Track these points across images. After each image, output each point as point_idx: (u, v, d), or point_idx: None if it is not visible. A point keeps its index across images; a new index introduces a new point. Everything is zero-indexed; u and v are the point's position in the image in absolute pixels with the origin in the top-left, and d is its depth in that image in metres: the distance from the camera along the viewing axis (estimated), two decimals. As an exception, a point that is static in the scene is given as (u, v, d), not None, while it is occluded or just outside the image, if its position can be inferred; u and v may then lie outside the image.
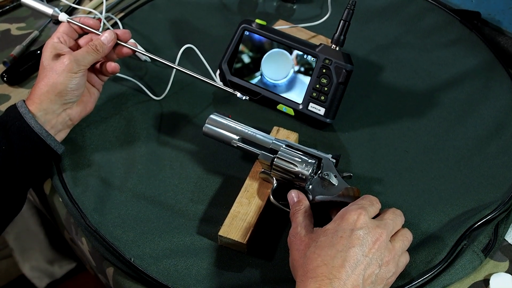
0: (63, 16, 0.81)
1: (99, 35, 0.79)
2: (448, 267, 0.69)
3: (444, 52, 0.99)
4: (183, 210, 0.76)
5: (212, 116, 0.77)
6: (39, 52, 0.96)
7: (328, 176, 0.70)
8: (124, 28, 1.00)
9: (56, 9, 0.82)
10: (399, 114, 0.89)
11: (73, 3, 1.08)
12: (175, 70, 0.89)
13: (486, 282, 0.70)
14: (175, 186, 0.78)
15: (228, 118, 0.77)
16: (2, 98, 0.92)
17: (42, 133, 0.74)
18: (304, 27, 1.00)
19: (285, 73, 0.86)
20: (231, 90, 0.78)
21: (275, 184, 0.73)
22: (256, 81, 0.88)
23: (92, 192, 0.77)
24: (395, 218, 0.64)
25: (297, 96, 0.86)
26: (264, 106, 0.88)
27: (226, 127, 0.76)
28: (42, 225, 1.17)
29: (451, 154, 0.83)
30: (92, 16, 0.98)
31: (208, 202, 0.77)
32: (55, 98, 0.75)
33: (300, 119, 0.87)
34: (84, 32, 0.81)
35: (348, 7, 0.82)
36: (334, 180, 0.70)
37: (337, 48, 0.83)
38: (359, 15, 0.98)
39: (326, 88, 0.83)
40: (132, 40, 0.96)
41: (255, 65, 0.88)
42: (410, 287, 0.67)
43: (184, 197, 0.77)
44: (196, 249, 0.72)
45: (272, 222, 0.74)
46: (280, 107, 0.87)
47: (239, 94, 0.78)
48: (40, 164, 0.77)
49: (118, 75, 0.91)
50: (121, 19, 1.02)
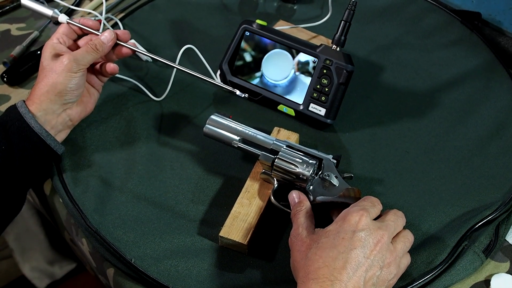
0: (63, 18, 0.81)
1: (99, 35, 0.79)
2: (449, 267, 0.69)
3: (445, 52, 0.99)
4: (183, 210, 0.76)
5: (212, 116, 0.77)
6: (39, 52, 0.96)
7: (329, 176, 0.70)
8: (124, 28, 1.00)
9: (56, 10, 0.82)
10: (399, 115, 0.88)
11: (72, 4, 1.08)
12: (175, 70, 0.89)
13: (487, 282, 0.70)
14: (175, 187, 0.78)
15: (228, 119, 0.77)
16: (2, 98, 0.92)
17: (42, 133, 0.74)
18: (305, 28, 1.00)
19: (285, 73, 0.86)
20: (230, 88, 0.78)
21: (276, 185, 0.73)
22: (256, 81, 0.88)
23: (92, 193, 0.77)
24: (396, 219, 0.64)
25: (297, 96, 0.86)
26: (264, 106, 0.88)
27: (226, 127, 0.76)
28: (42, 225, 1.17)
29: (451, 155, 0.83)
30: (92, 17, 0.98)
31: (208, 203, 0.77)
32: (55, 98, 0.75)
33: (301, 120, 0.87)
34: (84, 33, 0.82)
35: (348, 8, 0.82)
36: (335, 181, 0.70)
37: (337, 49, 0.83)
38: (360, 16, 0.98)
39: (326, 89, 0.83)
40: (132, 41, 0.96)
41: (255, 65, 0.88)
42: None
43: (184, 197, 0.77)
44: (196, 250, 0.71)
45: (273, 223, 0.74)
46: (281, 107, 0.87)
47: (238, 92, 0.78)
48: (40, 164, 0.77)
49: (119, 75, 0.91)
50: (121, 19, 1.02)
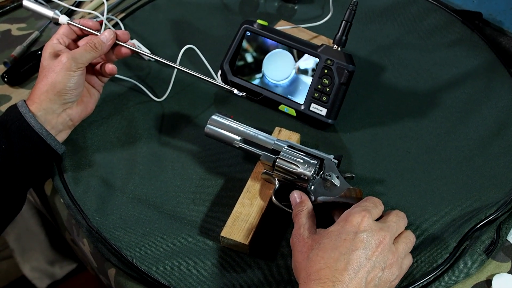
0: (63, 19, 0.81)
1: (99, 35, 0.79)
2: (450, 268, 0.69)
3: (446, 52, 0.99)
4: (185, 211, 0.76)
5: (213, 116, 0.77)
6: (39, 52, 0.96)
7: (330, 177, 0.70)
8: (125, 29, 1.00)
9: (57, 11, 0.82)
10: (400, 115, 0.88)
11: (72, 4, 1.08)
12: (176, 70, 0.89)
13: (488, 282, 0.69)
14: (176, 187, 0.78)
15: (230, 119, 0.77)
16: (2, 98, 0.92)
17: (42, 132, 0.74)
18: (306, 28, 1.00)
19: (286, 73, 0.86)
20: (227, 87, 0.78)
21: (277, 185, 0.73)
22: (257, 81, 0.88)
23: (93, 193, 0.77)
24: (398, 220, 0.64)
25: (298, 96, 0.85)
26: (265, 106, 0.88)
27: (228, 127, 0.76)
28: (43, 225, 1.17)
29: (453, 155, 0.83)
30: (93, 18, 0.98)
31: (210, 203, 0.76)
32: (55, 98, 0.75)
33: (302, 120, 0.86)
34: (85, 34, 0.82)
35: (349, 8, 0.82)
36: (336, 181, 0.70)
37: (339, 49, 0.83)
38: (361, 16, 0.98)
39: (328, 89, 0.83)
40: (134, 40, 0.96)
41: (256, 65, 0.88)
42: (412, 288, 0.67)
43: (186, 198, 0.77)
44: (198, 250, 0.71)
45: (274, 223, 0.74)
46: (282, 107, 0.87)
47: (235, 91, 0.78)
48: (40, 164, 0.77)
49: (119, 76, 0.91)
50: (122, 19, 1.02)
